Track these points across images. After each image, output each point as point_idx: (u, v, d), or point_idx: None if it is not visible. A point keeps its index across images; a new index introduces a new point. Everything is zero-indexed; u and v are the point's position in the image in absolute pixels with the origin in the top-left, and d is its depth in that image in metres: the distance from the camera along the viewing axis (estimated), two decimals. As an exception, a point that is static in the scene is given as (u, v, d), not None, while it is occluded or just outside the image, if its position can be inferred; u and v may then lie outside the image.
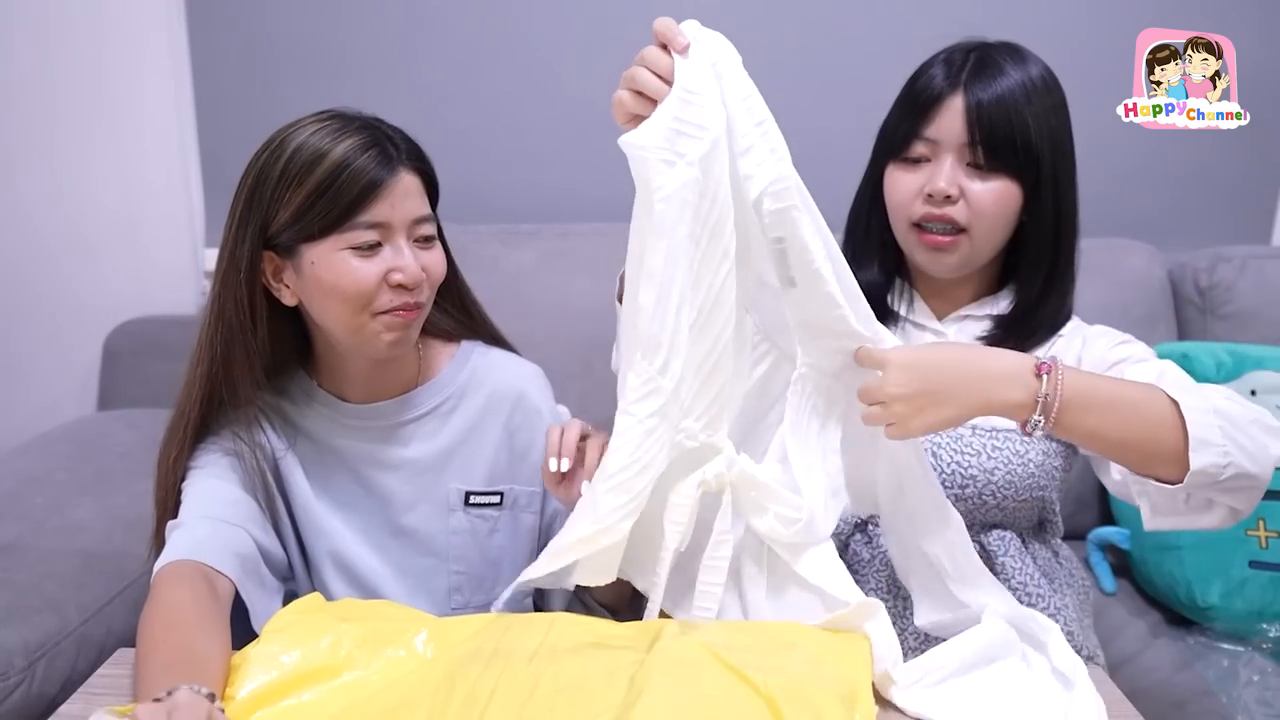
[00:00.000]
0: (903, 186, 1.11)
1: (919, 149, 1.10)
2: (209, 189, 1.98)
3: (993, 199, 1.07)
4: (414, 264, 1.02)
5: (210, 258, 1.98)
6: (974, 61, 1.08)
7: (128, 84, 1.92)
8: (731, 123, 0.90)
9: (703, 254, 0.92)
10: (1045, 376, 0.91)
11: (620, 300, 1.05)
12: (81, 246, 1.99)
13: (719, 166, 0.90)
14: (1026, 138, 1.06)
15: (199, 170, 1.98)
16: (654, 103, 0.90)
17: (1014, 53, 1.10)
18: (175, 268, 1.99)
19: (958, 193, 1.07)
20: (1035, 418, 0.91)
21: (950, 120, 1.07)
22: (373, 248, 1.01)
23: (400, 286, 1.02)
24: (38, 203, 1.97)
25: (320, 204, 0.99)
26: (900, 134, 1.11)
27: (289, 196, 0.99)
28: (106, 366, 1.89)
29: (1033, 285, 1.15)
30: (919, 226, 1.12)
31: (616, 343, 1.10)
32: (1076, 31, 1.84)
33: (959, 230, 1.10)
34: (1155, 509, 0.98)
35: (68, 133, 1.94)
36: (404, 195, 1.02)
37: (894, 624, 0.93)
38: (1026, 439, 1.11)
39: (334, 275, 1.00)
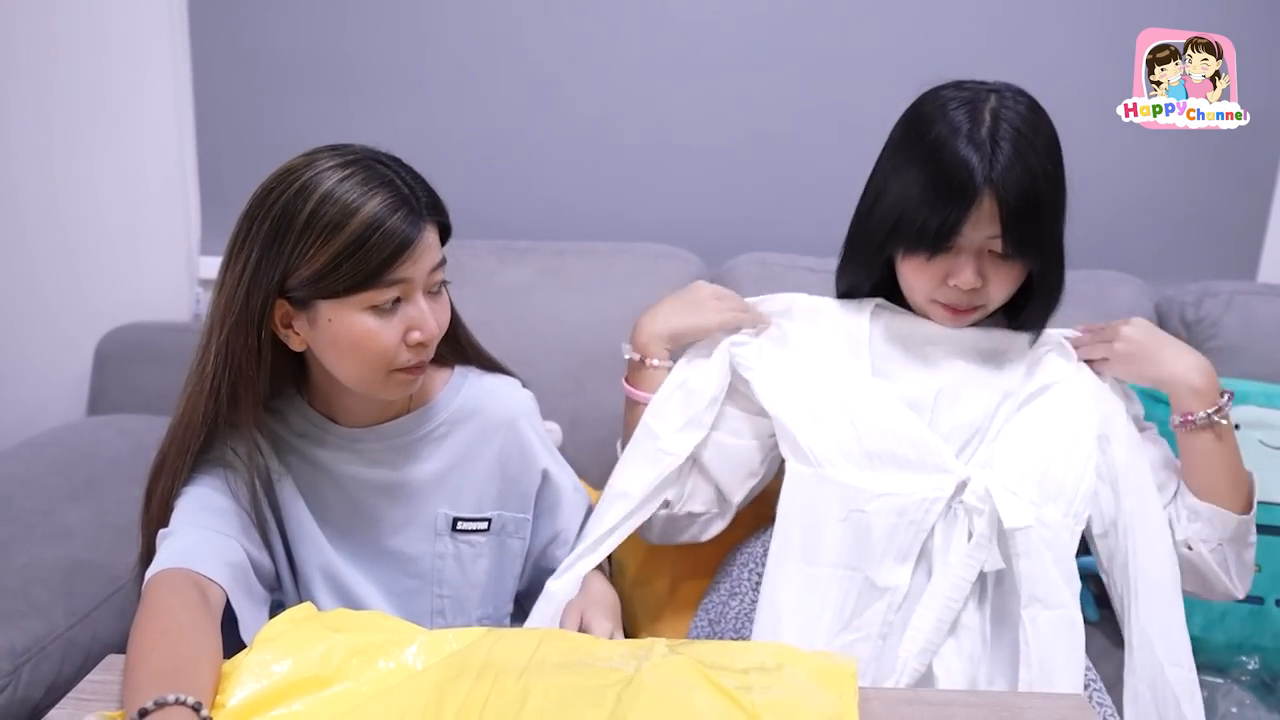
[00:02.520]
0: (926, 276, 1.13)
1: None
2: (206, 197, 1.99)
3: (1013, 280, 1.13)
4: (432, 322, 1.02)
5: (205, 266, 1.99)
6: (992, 141, 1.05)
7: (128, 90, 1.93)
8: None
9: None
10: (1225, 395, 1.13)
11: None
12: (76, 251, 1.99)
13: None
14: (1049, 226, 1.10)
15: (196, 178, 1.98)
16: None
17: (1025, 117, 1.08)
18: (170, 275, 1.99)
19: (982, 283, 1.11)
20: (1203, 413, 1.12)
21: (980, 221, 1.07)
22: (394, 304, 1.00)
23: (418, 344, 1.02)
24: (34, 206, 1.98)
25: (347, 266, 0.95)
26: (934, 232, 1.08)
27: (313, 253, 0.95)
28: (97, 372, 1.88)
29: (1027, 314, 1.19)
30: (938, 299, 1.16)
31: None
32: (1077, 33, 1.84)
33: (979, 303, 1.15)
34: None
35: (66, 137, 1.94)
36: (425, 251, 1.00)
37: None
38: None
39: (353, 336, 0.99)
